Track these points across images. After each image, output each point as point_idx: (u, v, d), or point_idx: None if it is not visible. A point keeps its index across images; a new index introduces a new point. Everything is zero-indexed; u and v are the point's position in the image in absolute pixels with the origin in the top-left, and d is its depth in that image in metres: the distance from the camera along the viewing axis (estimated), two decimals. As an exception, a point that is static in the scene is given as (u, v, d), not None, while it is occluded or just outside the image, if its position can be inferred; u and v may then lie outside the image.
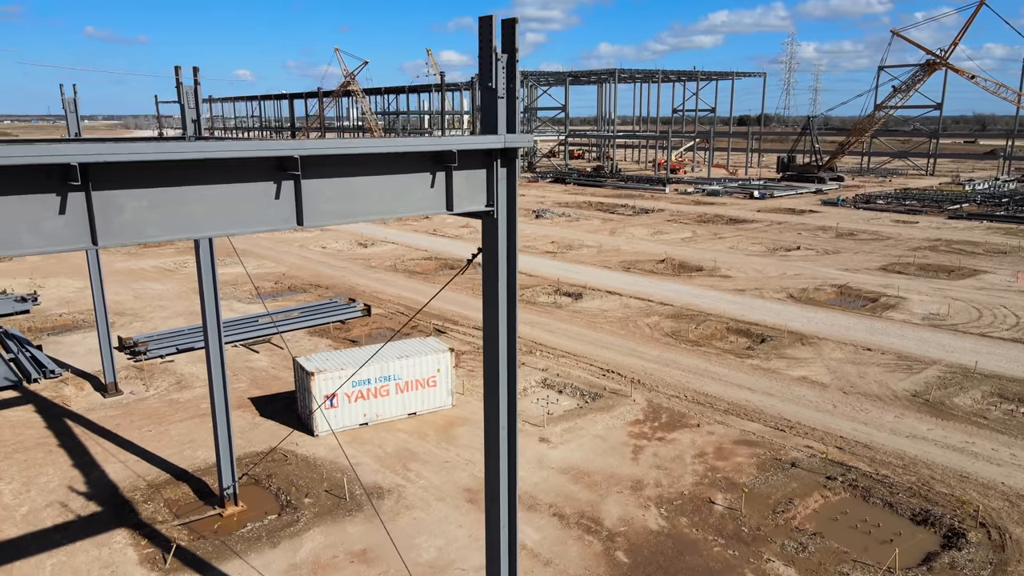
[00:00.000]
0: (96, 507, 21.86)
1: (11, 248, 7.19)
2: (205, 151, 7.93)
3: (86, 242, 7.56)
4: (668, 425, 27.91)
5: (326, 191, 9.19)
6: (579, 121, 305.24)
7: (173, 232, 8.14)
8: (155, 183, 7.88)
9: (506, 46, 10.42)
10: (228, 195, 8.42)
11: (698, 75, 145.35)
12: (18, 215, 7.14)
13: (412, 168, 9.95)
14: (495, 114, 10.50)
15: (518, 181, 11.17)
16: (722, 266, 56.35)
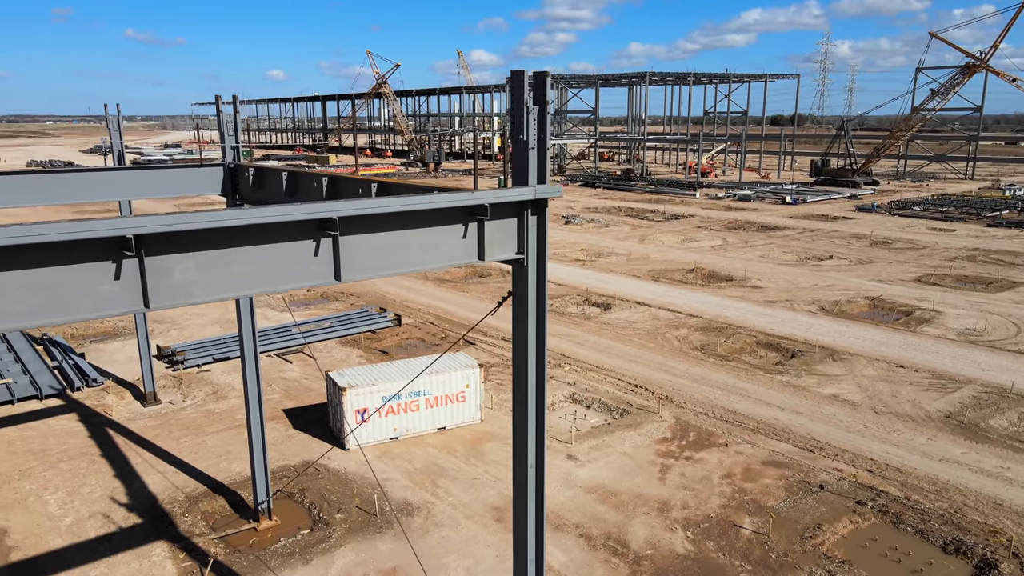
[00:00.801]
0: (137, 519, 22.60)
1: (70, 313, 7.64)
2: (249, 218, 8.32)
3: (138, 305, 8.00)
4: (696, 444, 27.93)
5: (362, 246, 9.54)
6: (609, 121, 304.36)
7: (218, 292, 8.55)
8: (202, 247, 8.29)
9: (537, 98, 10.68)
10: (269, 255, 8.81)
11: (730, 77, 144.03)
12: (78, 282, 7.59)
13: (445, 221, 10.27)
14: (526, 165, 10.76)
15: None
16: (752, 276, 55.93)
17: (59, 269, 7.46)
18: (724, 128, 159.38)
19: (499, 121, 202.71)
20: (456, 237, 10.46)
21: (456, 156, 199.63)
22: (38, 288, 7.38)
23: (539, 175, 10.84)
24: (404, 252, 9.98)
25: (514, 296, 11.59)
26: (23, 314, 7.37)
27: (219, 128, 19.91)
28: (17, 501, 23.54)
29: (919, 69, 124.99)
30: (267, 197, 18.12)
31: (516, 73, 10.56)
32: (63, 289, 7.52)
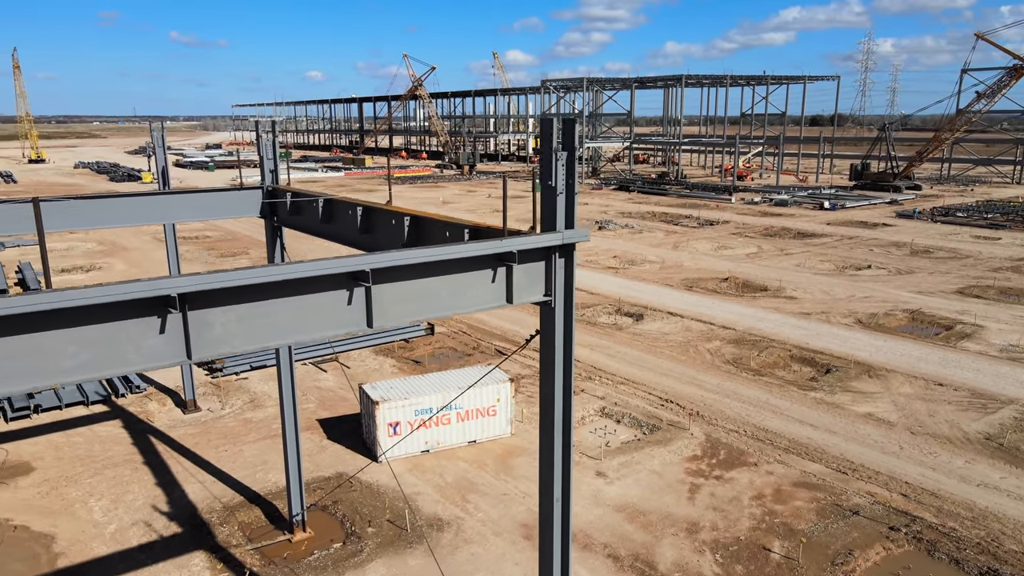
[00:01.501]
0: (177, 528, 23.33)
1: (117, 366, 8.06)
2: (286, 273, 8.67)
3: (182, 357, 8.40)
4: (726, 463, 27.81)
5: (393, 294, 9.85)
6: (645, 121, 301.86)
7: (256, 342, 8.92)
8: (241, 299, 8.67)
9: (566, 144, 10.88)
10: (305, 305, 9.16)
11: (768, 79, 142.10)
12: (125, 337, 8.01)
13: (474, 267, 10.53)
14: (554, 210, 10.96)
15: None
16: (787, 286, 55.26)
17: (108, 326, 7.89)
18: (761, 130, 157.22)
19: (533, 122, 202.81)
20: (485, 282, 10.71)
21: (491, 158, 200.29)
22: (89, 344, 7.82)
23: (567, 220, 11.04)
24: (434, 298, 10.26)
25: (541, 336, 11.80)
26: (74, 369, 7.81)
27: (258, 151, 20.45)
28: (64, 507, 24.46)
29: (964, 71, 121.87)
30: (303, 223, 18.62)
31: (545, 120, 10.78)
32: (112, 345, 7.95)
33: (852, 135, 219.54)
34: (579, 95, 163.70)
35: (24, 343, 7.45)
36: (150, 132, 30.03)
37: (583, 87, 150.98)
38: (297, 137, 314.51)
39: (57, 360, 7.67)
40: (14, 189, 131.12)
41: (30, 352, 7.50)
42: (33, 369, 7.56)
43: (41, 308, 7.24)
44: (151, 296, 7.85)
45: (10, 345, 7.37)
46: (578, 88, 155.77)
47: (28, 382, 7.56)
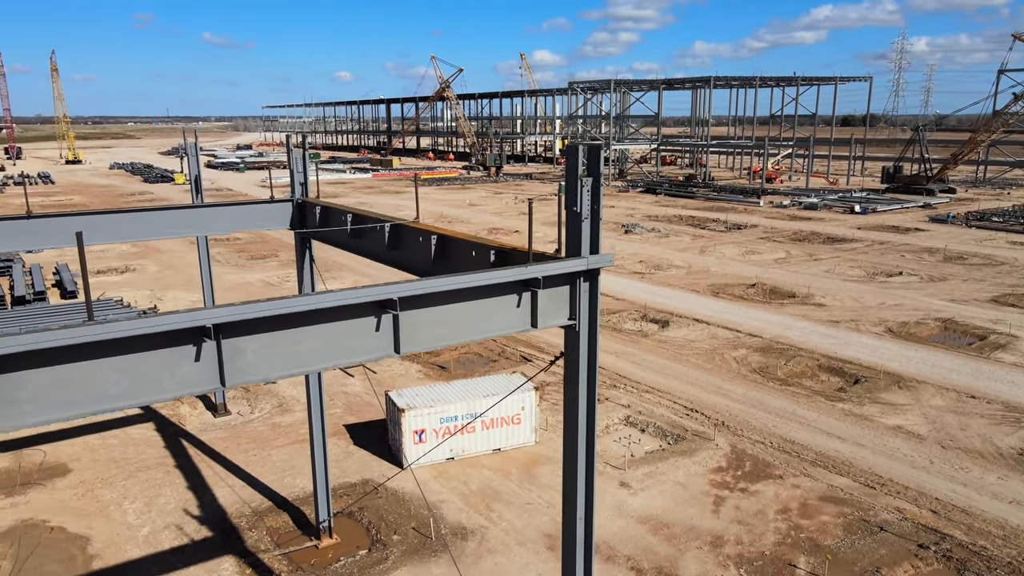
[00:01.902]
0: (207, 532, 23.85)
1: (154, 393, 8.37)
2: (316, 303, 8.91)
3: (216, 384, 8.68)
4: (751, 475, 27.67)
5: (421, 320, 10.05)
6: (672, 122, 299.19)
7: (287, 368, 9.18)
8: (273, 328, 8.93)
9: (591, 169, 11.00)
10: (334, 332, 9.40)
11: (798, 80, 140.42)
12: (163, 365, 8.31)
13: (499, 292, 10.69)
14: (579, 235, 11.09)
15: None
16: (816, 292, 54.66)
17: (148, 354, 8.20)
18: (791, 131, 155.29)
19: (560, 124, 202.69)
20: (510, 307, 10.88)
21: (517, 159, 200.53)
22: (130, 372, 8.13)
23: (592, 245, 11.15)
24: (460, 323, 10.45)
25: (566, 359, 11.93)
26: (117, 396, 8.13)
27: (288, 164, 20.83)
28: (99, 509, 25.13)
29: (1001, 71, 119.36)
30: (332, 236, 18.94)
31: (571, 148, 10.92)
32: (151, 373, 8.26)
33: (884, 136, 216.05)
34: (606, 96, 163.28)
35: (74, 371, 7.78)
36: (183, 138, 30.68)
37: (610, 88, 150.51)
38: (326, 138, 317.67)
39: (103, 387, 8.00)
40: (52, 190, 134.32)
41: (80, 380, 7.83)
42: (82, 396, 7.89)
43: (90, 340, 7.57)
44: (189, 327, 8.14)
45: (62, 373, 7.71)
46: (605, 90, 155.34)
47: (77, 408, 7.89)
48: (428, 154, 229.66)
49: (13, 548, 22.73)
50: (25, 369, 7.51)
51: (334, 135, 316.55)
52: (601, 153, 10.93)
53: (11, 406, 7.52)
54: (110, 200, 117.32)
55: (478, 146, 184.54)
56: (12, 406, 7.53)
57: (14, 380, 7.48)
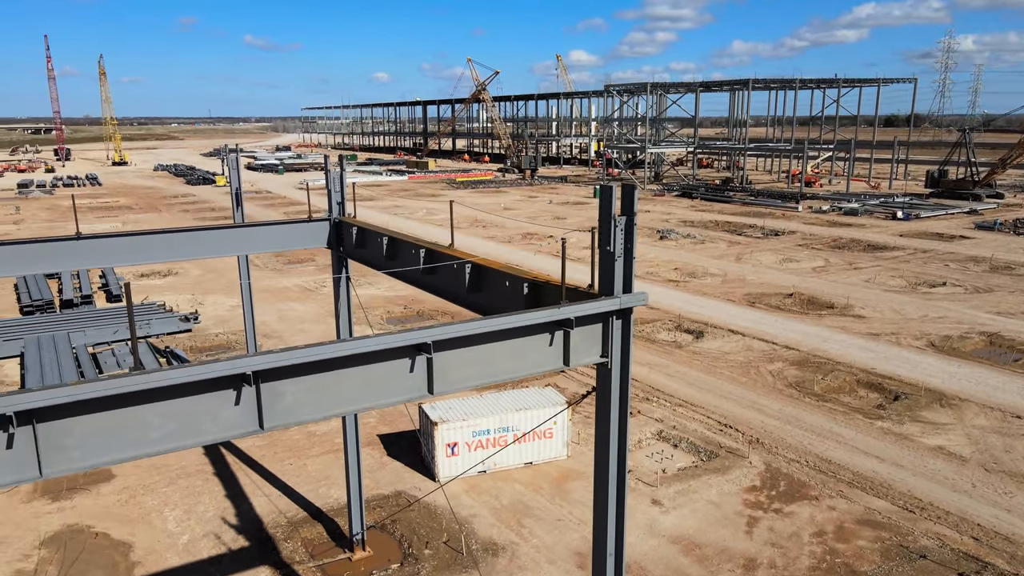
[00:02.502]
0: (244, 541, 24.36)
1: (196, 436, 8.63)
2: (352, 348, 9.09)
3: (255, 427, 8.91)
4: (786, 495, 27.30)
5: (454, 360, 10.17)
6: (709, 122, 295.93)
7: (324, 410, 9.38)
8: (310, 372, 9.13)
9: (625, 208, 11.00)
10: (369, 374, 9.57)
11: (839, 82, 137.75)
12: (204, 410, 8.56)
13: (532, 332, 10.76)
14: (612, 274, 11.10)
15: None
16: (856, 303, 53.62)
17: (190, 399, 8.46)
18: (832, 132, 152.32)
19: (596, 126, 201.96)
20: (543, 346, 10.94)
21: (552, 161, 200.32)
22: (173, 416, 8.40)
23: (625, 284, 11.15)
24: (493, 363, 10.55)
25: (597, 395, 11.96)
26: (160, 439, 8.40)
27: (326, 184, 21.16)
28: (141, 516, 25.84)
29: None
30: (368, 256, 19.22)
31: (605, 188, 10.94)
32: (193, 416, 8.52)
33: (929, 138, 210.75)
34: (642, 99, 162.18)
35: (119, 417, 8.08)
36: (225, 145, 31.32)
37: (647, 91, 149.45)
38: (362, 139, 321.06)
39: (146, 432, 8.28)
40: (99, 192, 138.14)
41: (124, 425, 8.13)
42: (126, 441, 8.19)
43: (140, 388, 7.86)
44: (231, 374, 8.37)
45: (108, 419, 8.01)
46: (641, 92, 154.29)
47: (122, 453, 8.18)
48: (464, 156, 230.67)
49: (59, 553, 23.51)
50: (72, 416, 7.81)
51: (371, 136, 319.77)
52: (636, 193, 10.93)
53: (59, 452, 7.83)
54: (154, 202, 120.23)
55: (513, 148, 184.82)
56: (59, 452, 7.84)
57: (62, 427, 7.79)
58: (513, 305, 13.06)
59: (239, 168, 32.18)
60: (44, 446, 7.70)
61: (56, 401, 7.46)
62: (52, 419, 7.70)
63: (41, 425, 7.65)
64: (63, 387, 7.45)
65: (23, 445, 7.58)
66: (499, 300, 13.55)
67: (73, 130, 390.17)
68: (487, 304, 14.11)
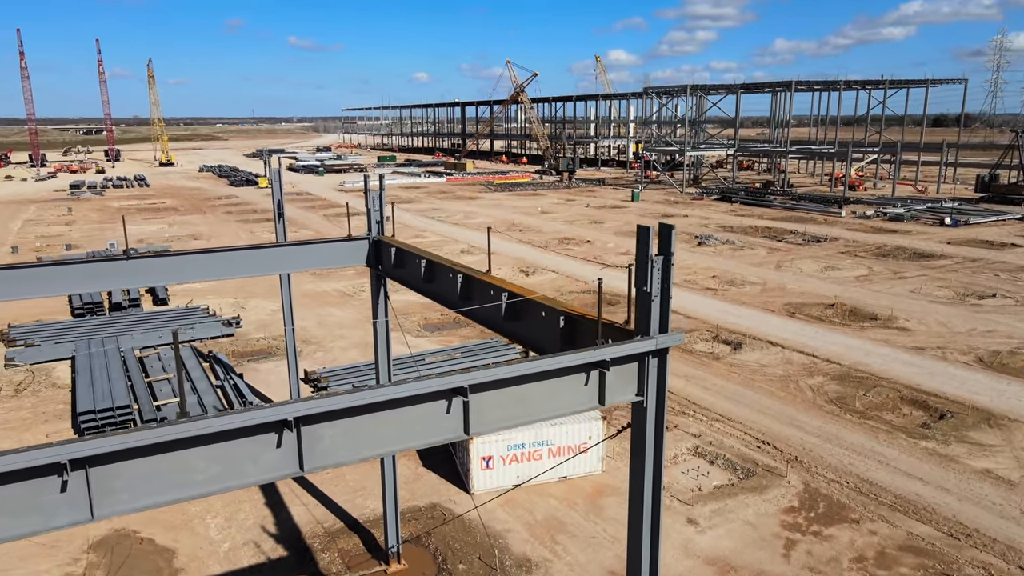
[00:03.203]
0: (283, 551, 24.85)
1: (238, 479, 8.87)
2: (392, 394, 9.26)
3: (295, 469, 9.13)
4: (825, 517, 26.84)
5: (489, 402, 10.28)
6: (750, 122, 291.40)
7: (363, 452, 9.57)
8: (349, 415, 9.32)
9: (662, 248, 10.98)
10: (406, 417, 9.74)
11: (886, 84, 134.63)
12: (247, 453, 8.80)
13: (567, 373, 10.81)
14: (648, 314, 11.09)
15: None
16: (900, 315, 52.39)
17: (233, 443, 8.71)
18: (877, 133, 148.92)
19: (634, 127, 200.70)
20: (578, 385, 10.98)
21: (590, 163, 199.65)
22: (217, 460, 8.66)
23: (661, 324, 11.15)
24: (528, 403, 10.63)
25: (632, 432, 11.96)
26: (204, 482, 8.66)
27: (366, 204, 21.45)
28: (184, 523, 26.53)
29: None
30: (406, 277, 19.48)
31: (642, 228, 10.93)
32: (235, 460, 8.77)
33: (980, 139, 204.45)
34: (681, 100, 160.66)
35: (166, 461, 8.36)
36: (266, 157, 31.93)
37: (686, 93, 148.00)
38: (401, 140, 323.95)
39: (191, 475, 8.55)
40: (147, 193, 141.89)
41: (170, 468, 8.41)
42: (171, 484, 8.46)
43: (186, 435, 8.13)
44: (273, 420, 8.60)
45: (155, 463, 8.30)
46: (681, 94, 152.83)
47: (167, 495, 8.46)
48: (502, 157, 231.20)
49: (107, 558, 24.27)
50: (121, 461, 8.11)
51: (409, 137, 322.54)
52: (673, 233, 10.90)
53: (108, 495, 8.13)
54: (198, 204, 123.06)
55: (551, 150, 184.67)
56: (108, 495, 8.14)
57: (112, 471, 8.09)
58: (549, 337, 13.15)
59: (281, 180, 32.78)
60: (96, 490, 8.01)
61: (107, 449, 7.75)
62: (103, 464, 7.99)
63: (93, 470, 7.96)
64: (114, 436, 7.74)
65: (76, 489, 7.90)
66: (535, 330, 13.65)
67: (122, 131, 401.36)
68: (523, 333, 14.22)
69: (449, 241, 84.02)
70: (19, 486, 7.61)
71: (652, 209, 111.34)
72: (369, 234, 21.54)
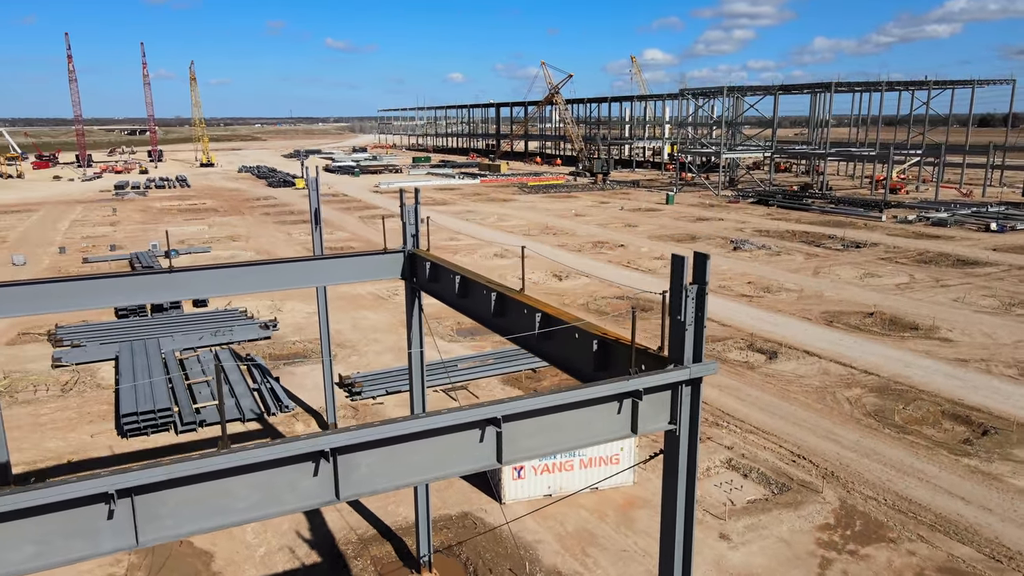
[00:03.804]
0: (317, 557, 25.26)
1: (277, 506, 9.10)
2: (426, 425, 9.40)
3: (331, 497, 9.32)
4: (861, 536, 26.39)
5: (522, 431, 10.37)
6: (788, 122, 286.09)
7: (397, 480, 9.72)
8: (385, 444, 9.48)
9: (697, 277, 10.95)
10: (439, 446, 9.87)
11: (930, 84, 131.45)
12: (285, 481, 9.02)
13: (600, 401, 10.85)
14: (682, 344, 11.07)
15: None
16: (942, 325, 51.17)
17: (273, 471, 8.93)
18: (920, 135, 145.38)
19: (669, 128, 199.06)
20: (610, 414, 11.01)
21: (625, 164, 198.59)
22: (258, 488, 8.89)
23: (695, 354, 11.11)
24: (561, 432, 10.69)
25: (665, 459, 11.94)
26: (245, 509, 8.90)
27: (401, 217, 21.70)
28: (222, 526, 27.09)
29: None
30: (440, 291, 19.66)
31: (676, 258, 10.91)
32: (274, 488, 8.99)
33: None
34: (718, 101, 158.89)
35: (209, 489, 8.62)
36: (303, 158, 32.49)
37: (723, 94, 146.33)
38: (436, 141, 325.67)
39: (232, 502, 8.79)
40: (188, 193, 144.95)
41: (213, 496, 8.66)
42: (214, 511, 8.73)
43: (232, 465, 8.39)
44: (312, 450, 8.81)
45: (198, 491, 8.56)
46: (717, 95, 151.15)
47: (209, 522, 8.73)
48: (536, 159, 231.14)
49: (147, 559, 24.93)
50: (167, 489, 8.37)
51: (444, 138, 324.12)
52: (708, 263, 10.86)
53: (154, 521, 8.41)
54: (237, 205, 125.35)
55: (585, 152, 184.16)
56: (155, 521, 8.41)
57: (157, 499, 8.36)
58: (582, 359, 13.19)
59: (318, 188, 33.32)
60: (141, 517, 8.29)
61: (153, 479, 8.02)
62: (148, 492, 8.27)
63: (139, 498, 8.24)
64: (159, 467, 8.00)
65: (122, 516, 8.18)
66: (568, 352, 13.71)
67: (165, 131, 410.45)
68: (556, 354, 14.28)
69: (483, 244, 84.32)
70: (68, 514, 7.92)
71: (687, 212, 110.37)
72: (404, 247, 21.79)
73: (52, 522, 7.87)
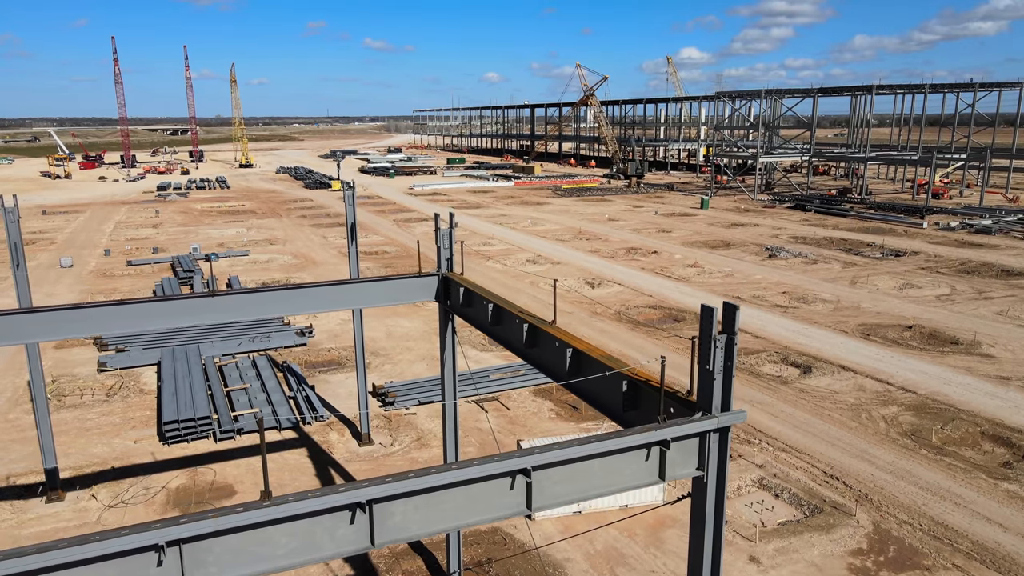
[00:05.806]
0: (350, 570, 25.82)
1: (315, 553, 9.49)
2: (459, 476, 9.71)
3: (366, 544, 9.69)
4: (895, 562, 26.09)
5: (551, 478, 10.62)
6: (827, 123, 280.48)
7: (430, 527, 10.05)
8: (419, 493, 9.82)
9: (726, 327, 11.08)
10: (471, 494, 10.17)
11: (975, 87, 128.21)
12: (323, 529, 9.41)
13: (628, 450, 11.05)
14: (711, 393, 11.21)
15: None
16: (984, 340, 50.05)
17: (311, 520, 9.33)
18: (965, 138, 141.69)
19: (705, 131, 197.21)
20: (639, 461, 11.21)
21: (659, 166, 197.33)
22: (297, 536, 9.30)
23: (723, 402, 11.25)
24: (589, 479, 10.92)
25: (692, 505, 12.08)
26: (284, 555, 9.31)
27: (436, 242, 22.09)
28: (259, 536, 27.82)
29: None
30: (473, 316, 19.99)
31: (706, 309, 11.05)
32: (312, 535, 9.39)
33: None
34: (755, 103, 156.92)
35: (252, 537, 9.05)
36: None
37: (760, 96, 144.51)
38: (471, 141, 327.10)
39: (274, 549, 9.21)
40: (227, 195, 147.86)
41: (256, 544, 9.09)
42: (256, 558, 9.15)
43: (275, 517, 8.82)
44: (349, 502, 9.19)
45: (242, 539, 9.00)
46: (754, 97, 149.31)
47: (256, 567, 9.16)
48: (570, 160, 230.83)
49: (188, 568, 25.72)
50: (213, 538, 8.82)
51: (479, 139, 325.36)
52: (737, 314, 10.98)
53: (200, 568, 8.86)
54: (275, 207, 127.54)
55: (619, 154, 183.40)
56: (200, 568, 8.86)
57: (204, 547, 8.81)
58: (611, 398, 13.40)
59: (355, 203, 33.94)
60: (188, 564, 8.74)
61: (201, 531, 8.47)
62: (197, 541, 8.72)
63: (186, 546, 8.69)
64: (207, 519, 8.44)
65: (171, 565, 8.64)
66: (597, 389, 13.90)
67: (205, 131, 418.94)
68: (585, 390, 14.49)
69: (515, 250, 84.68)
70: (121, 562, 8.40)
71: (722, 217, 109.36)
72: (439, 270, 22.16)
73: (107, 569, 8.35)
